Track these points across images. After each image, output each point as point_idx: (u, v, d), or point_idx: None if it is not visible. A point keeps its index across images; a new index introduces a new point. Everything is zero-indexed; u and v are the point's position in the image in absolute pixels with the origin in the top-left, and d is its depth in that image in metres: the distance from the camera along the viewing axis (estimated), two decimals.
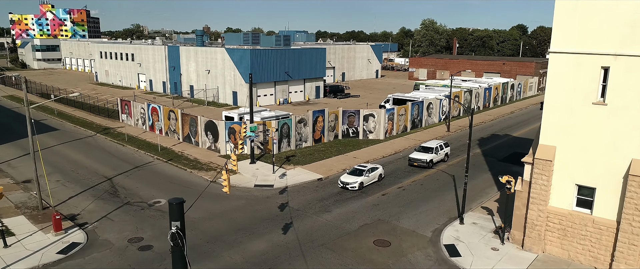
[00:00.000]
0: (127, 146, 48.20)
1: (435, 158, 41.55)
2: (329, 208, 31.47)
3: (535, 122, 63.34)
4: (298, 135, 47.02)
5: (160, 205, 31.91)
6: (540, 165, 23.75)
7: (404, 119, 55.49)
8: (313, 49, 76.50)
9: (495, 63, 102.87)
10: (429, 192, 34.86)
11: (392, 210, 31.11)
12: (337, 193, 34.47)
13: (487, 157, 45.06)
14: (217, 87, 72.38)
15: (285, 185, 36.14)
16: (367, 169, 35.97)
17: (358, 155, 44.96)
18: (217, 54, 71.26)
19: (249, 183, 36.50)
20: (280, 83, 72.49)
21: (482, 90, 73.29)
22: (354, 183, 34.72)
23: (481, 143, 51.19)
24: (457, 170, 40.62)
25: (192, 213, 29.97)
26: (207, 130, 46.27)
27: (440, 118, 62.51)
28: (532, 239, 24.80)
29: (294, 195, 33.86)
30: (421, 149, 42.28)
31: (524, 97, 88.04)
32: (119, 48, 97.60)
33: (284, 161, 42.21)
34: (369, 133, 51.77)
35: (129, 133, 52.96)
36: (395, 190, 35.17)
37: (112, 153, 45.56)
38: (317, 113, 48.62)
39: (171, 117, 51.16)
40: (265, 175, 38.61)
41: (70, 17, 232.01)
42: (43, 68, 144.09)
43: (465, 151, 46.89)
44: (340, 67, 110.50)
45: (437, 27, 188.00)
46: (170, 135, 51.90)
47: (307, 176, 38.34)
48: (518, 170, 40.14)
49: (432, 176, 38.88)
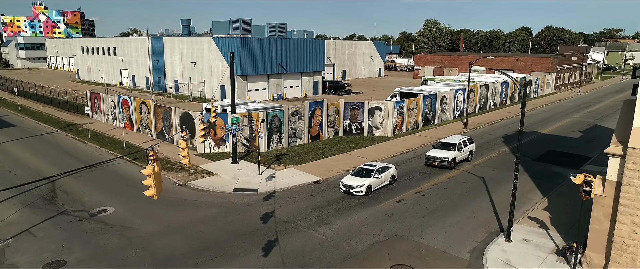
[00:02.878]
0: (89, 143, 40.63)
1: (458, 157, 33.96)
2: (328, 219, 23.85)
3: (562, 119, 55.87)
4: (291, 130, 39.47)
5: (106, 215, 24.28)
6: (638, 157, 16.16)
7: (415, 114, 47.93)
8: (311, 40, 69.05)
9: (507, 60, 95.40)
10: (456, 198, 27.23)
11: (412, 222, 23.47)
12: (339, 199, 26.87)
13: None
14: (203, 80, 64.84)
15: (272, 189, 28.53)
16: (376, 169, 28.38)
17: (363, 153, 37.39)
18: (204, 44, 63.78)
19: (226, 187, 28.89)
20: (274, 76, 64.98)
21: (499, 84, 65.82)
22: (360, 186, 27.11)
23: (507, 140, 43.61)
24: (485, 170, 33.03)
25: (145, 225, 22.37)
26: (182, 124, 38.71)
27: (455, 114, 54.96)
28: (620, 265, 17.16)
29: (282, 202, 26.25)
30: (441, 146, 34.69)
31: (542, 95, 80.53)
32: (100, 42, 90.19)
33: (273, 161, 34.64)
34: (374, 129, 44.19)
35: (96, 130, 45.41)
36: (413, 196, 27.54)
37: (67, 152, 37.97)
38: (314, 104, 41.09)
39: (143, 110, 43.62)
40: (248, 176, 31.02)
41: (63, 19, 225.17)
42: (27, 68, 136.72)
43: (490, 149, 39.38)
44: (341, 64, 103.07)
45: (441, 28, 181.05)
46: (142, 131, 44.33)
47: (301, 178, 30.76)
48: (560, 171, 32.65)
49: (456, 178, 31.28)
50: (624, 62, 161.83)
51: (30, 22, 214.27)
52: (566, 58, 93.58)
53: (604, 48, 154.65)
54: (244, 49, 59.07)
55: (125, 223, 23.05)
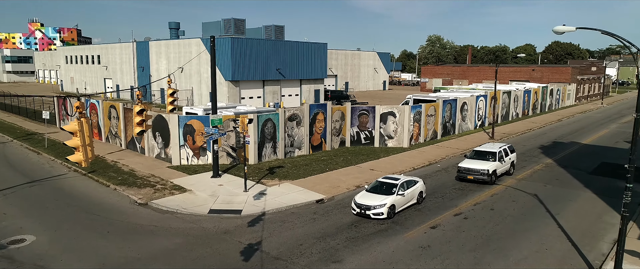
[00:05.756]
0: (44, 154, 33.55)
1: (499, 169, 26.83)
2: (338, 254, 16.64)
3: (598, 129, 48.95)
4: (288, 139, 32.44)
5: (19, 247, 17.03)
6: None
7: (433, 122, 40.98)
8: (312, 44, 62.40)
9: (522, 70, 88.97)
10: (511, 222, 20.03)
11: (461, 259, 16.23)
12: (351, 224, 19.68)
13: (568, 169, 30.34)
14: (191, 88, 58.03)
15: (261, 210, 21.34)
16: (400, 183, 21.24)
17: (376, 166, 30.29)
18: (192, 46, 57.17)
19: (200, 208, 21.70)
20: (270, 83, 58.18)
21: (521, 93, 59.05)
22: (380, 206, 19.93)
23: (546, 151, 36.55)
24: (535, 186, 25.88)
25: (69, 262, 15.22)
26: (155, 131, 31.67)
27: (476, 124, 48.00)
28: None
29: (273, 229, 19.06)
30: (476, 155, 27.56)
31: (563, 106, 73.73)
32: (84, 50, 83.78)
33: (265, 175, 27.52)
34: (387, 138, 37.15)
35: (59, 139, 38.37)
36: (452, 219, 20.33)
37: (12, 164, 30.83)
38: (315, 107, 34.18)
39: (112, 115, 36.66)
40: (231, 194, 23.85)
41: (60, 36, 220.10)
42: (13, 81, 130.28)
43: (530, 161, 32.37)
44: (344, 76, 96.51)
45: (444, 43, 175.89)
46: (111, 141, 37.28)
47: (299, 196, 23.61)
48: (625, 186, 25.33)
49: (501, 195, 24.10)
50: (637, 76, 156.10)
51: (25, 39, 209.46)
52: (586, 68, 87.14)
53: (616, 62, 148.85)
54: (235, 51, 52.40)
55: (42, 260, 15.84)
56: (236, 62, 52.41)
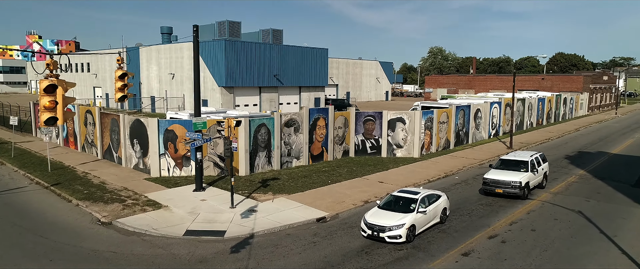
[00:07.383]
0: (8, 165, 29.60)
1: (532, 181, 22.85)
2: None
3: (622, 139, 45.06)
4: (285, 147, 28.51)
5: None
6: None
7: (446, 130, 37.13)
8: (312, 49, 58.79)
9: (531, 79, 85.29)
10: (561, 247, 16.00)
11: None
12: (361, 249, 15.66)
13: (607, 181, 26.37)
14: (183, 95, 54.26)
15: (249, 231, 17.32)
16: (420, 198, 17.26)
17: (386, 178, 26.32)
18: (184, 51, 53.55)
19: (176, 227, 17.69)
20: (267, 90, 54.42)
21: (535, 101, 55.31)
22: (398, 226, 15.92)
23: (574, 161, 32.61)
24: (575, 201, 21.88)
25: None
26: (133, 138, 27.76)
27: (490, 132, 44.12)
28: None
29: (263, 256, 15.03)
30: (504, 165, 23.57)
31: (576, 116, 69.93)
32: (73, 58, 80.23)
33: (257, 188, 23.56)
34: (396, 147, 33.23)
35: (30, 149, 34.51)
36: (486, 243, 16.31)
37: None
38: (316, 112, 30.32)
39: (88, 121, 32.79)
40: (215, 211, 19.85)
41: (58, 48, 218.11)
42: (4, 92, 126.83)
43: (561, 172, 28.56)
44: (345, 85, 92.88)
45: (446, 55, 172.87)
46: (87, 150, 33.35)
47: (297, 213, 19.60)
48: None
49: (539, 212, 20.09)
50: None
51: (23, 51, 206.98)
52: (598, 77, 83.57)
53: (623, 74, 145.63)
54: (230, 55, 48.74)
55: None
56: (230, 66, 48.73)
